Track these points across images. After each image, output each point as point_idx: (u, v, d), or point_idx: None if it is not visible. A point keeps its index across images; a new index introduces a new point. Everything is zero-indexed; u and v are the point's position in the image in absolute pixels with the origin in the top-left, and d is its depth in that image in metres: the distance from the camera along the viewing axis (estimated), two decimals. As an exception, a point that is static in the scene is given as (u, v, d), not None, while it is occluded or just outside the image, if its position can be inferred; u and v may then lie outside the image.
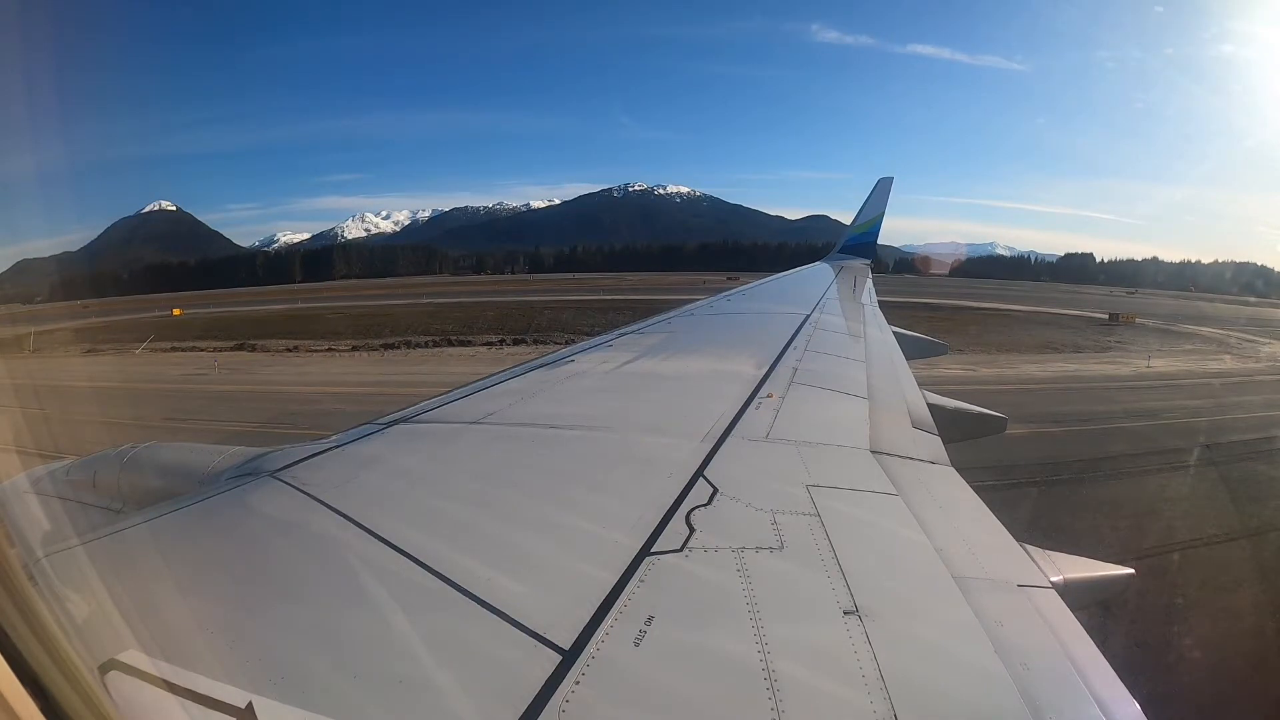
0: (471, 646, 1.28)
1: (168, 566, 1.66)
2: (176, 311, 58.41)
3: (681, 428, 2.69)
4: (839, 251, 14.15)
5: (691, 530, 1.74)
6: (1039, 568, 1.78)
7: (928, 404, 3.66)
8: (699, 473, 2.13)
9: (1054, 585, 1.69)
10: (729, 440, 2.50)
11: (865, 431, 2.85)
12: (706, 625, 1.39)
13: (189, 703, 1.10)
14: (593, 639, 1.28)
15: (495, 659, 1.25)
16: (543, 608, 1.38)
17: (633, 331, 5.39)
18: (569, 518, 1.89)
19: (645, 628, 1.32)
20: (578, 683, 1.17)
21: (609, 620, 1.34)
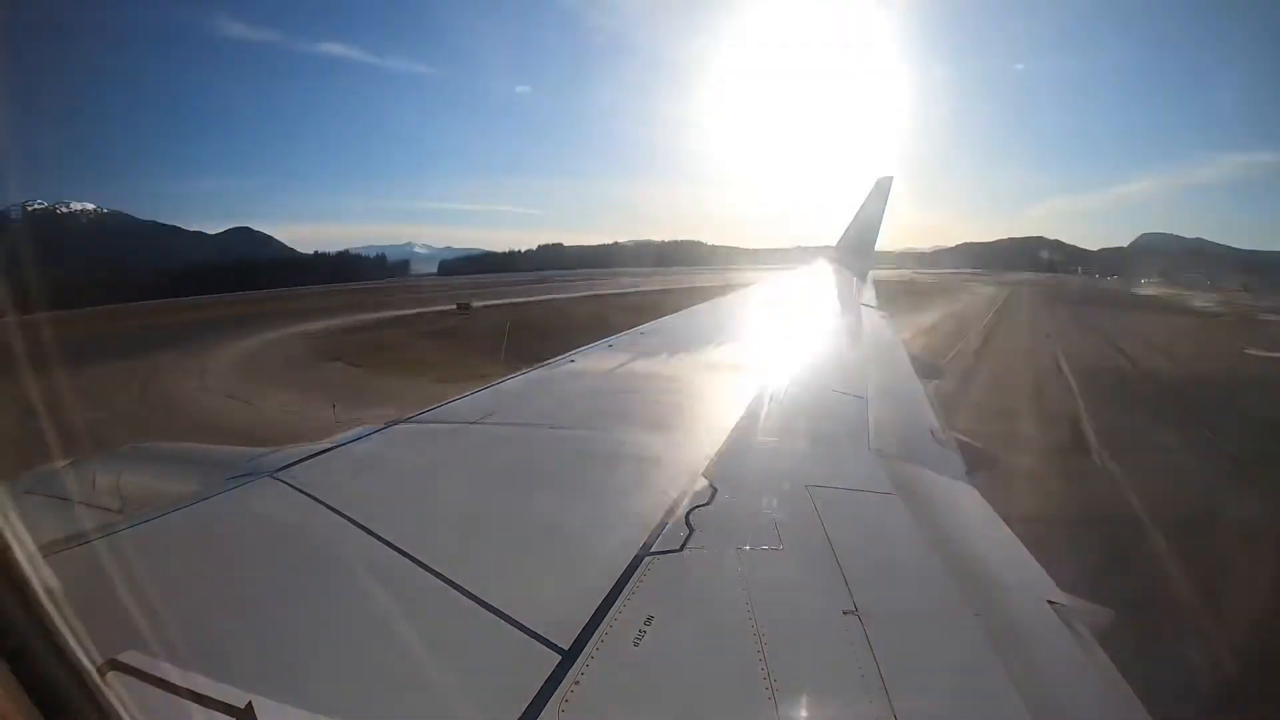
0: (471, 646, 1.29)
1: (168, 566, 1.66)
2: None
3: (681, 428, 2.69)
4: (839, 251, 14.14)
5: (691, 530, 1.74)
6: (1044, 579, 1.77)
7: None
8: (699, 472, 2.13)
9: (1051, 605, 1.68)
10: (729, 440, 2.50)
11: (865, 432, 2.85)
12: (706, 625, 1.39)
13: (189, 703, 1.10)
14: (592, 639, 1.28)
15: (495, 658, 1.25)
16: (543, 607, 1.38)
17: (633, 332, 5.39)
18: (569, 517, 1.89)
19: (645, 627, 1.32)
20: (577, 682, 1.17)
21: (609, 620, 1.34)
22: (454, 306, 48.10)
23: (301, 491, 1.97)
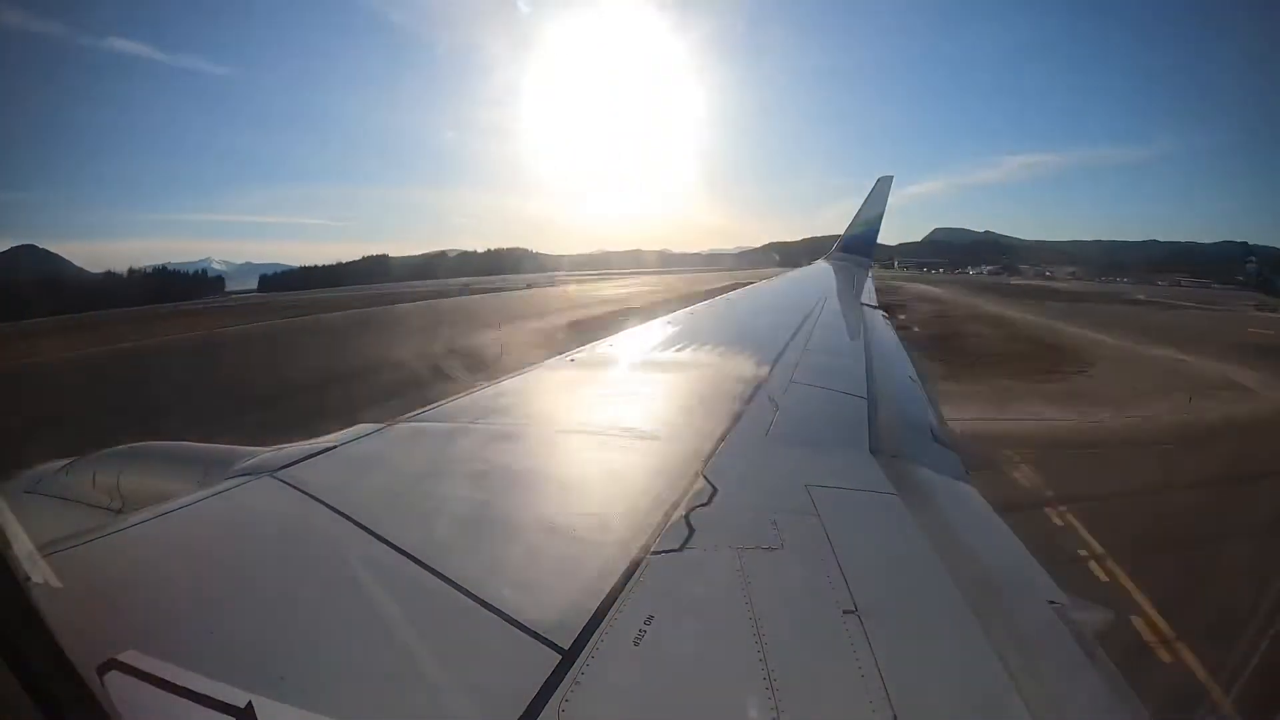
0: (471, 646, 1.28)
1: (167, 566, 1.66)
2: None
3: (681, 427, 2.69)
4: (839, 251, 14.15)
5: (691, 530, 1.73)
6: (1044, 580, 1.77)
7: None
8: (699, 472, 2.13)
9: (1052, 605, 1.68)
10: (729, 439, 2.50)
11: (865, 432, 2.85)
12: (706, 625, 1.39)
13: (189, 703, 1.10)
14: (592, 639, 1.28)
15: (495, 658, 1.25)
16: (543, 607, 1.38)
17: (633, 332, 5.39)
18: (569, 517, 1.89)
19: (645, 627, 1.32)
20: (578, 682, 1.17)
21: (609, 620, 1.34)
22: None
23: (301, 491, 1.97)
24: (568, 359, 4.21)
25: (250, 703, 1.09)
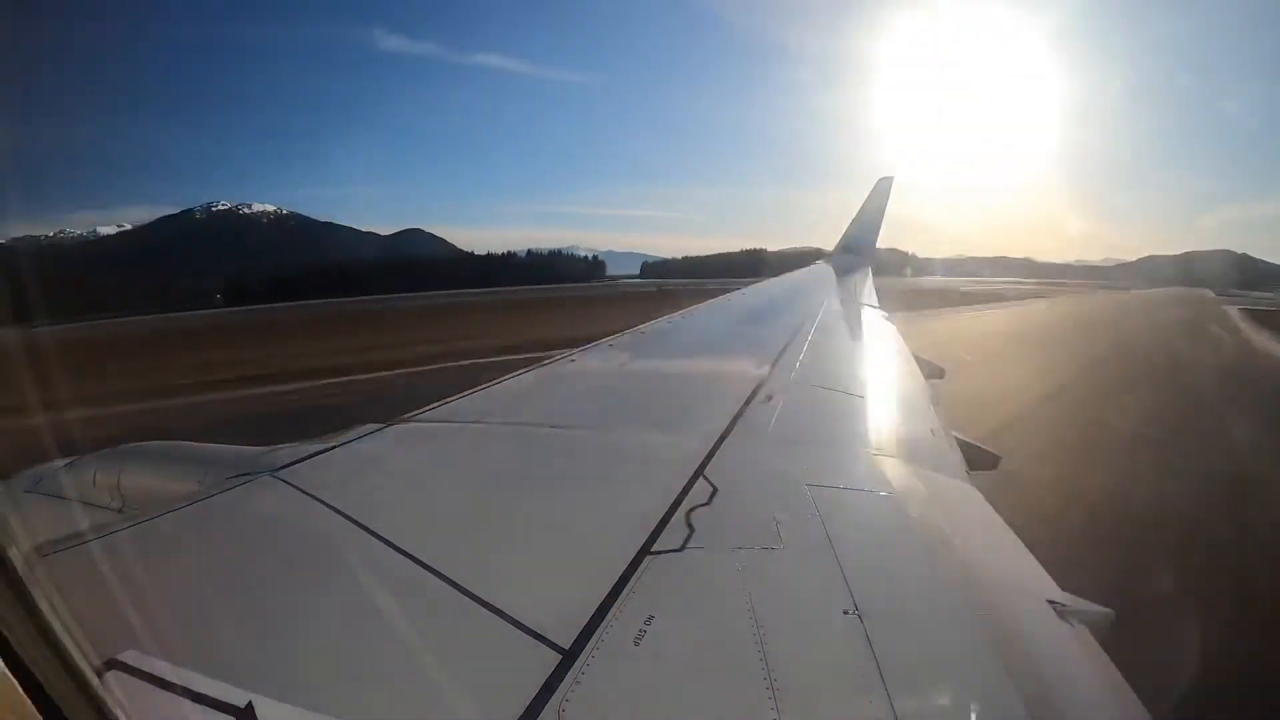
0: (471, 646, 1.29)
1: (168, 566, 1.66)
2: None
3: (681, 427, 2.69)
4: (839, 251, 14.13)
5: (691, 530, 1.73)
6: (1044, 580, 1.77)
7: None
8: (699, 472, 2.13)
9: (1052, 605, 1.68)
10: (729, 440, 2.50)
11: (865, 432, 2.85)
12: (706, 625, 1.39)
13: (189, 703, 1.10)
14: (592, 638, 1.28)
15: (495, 658, 1.25)
16: (542, 607, 1.38)
17: (633, 332, 5.39)
18: (569, 517, 1.89)
19: (645, 627, 1.32)
20: (578, 682, 1.17)
21: (609, 620, 1.34)
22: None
23: (302, 491, 1.97)
24: (568, 358, 4.21)
25: (250, 703, 1.09)
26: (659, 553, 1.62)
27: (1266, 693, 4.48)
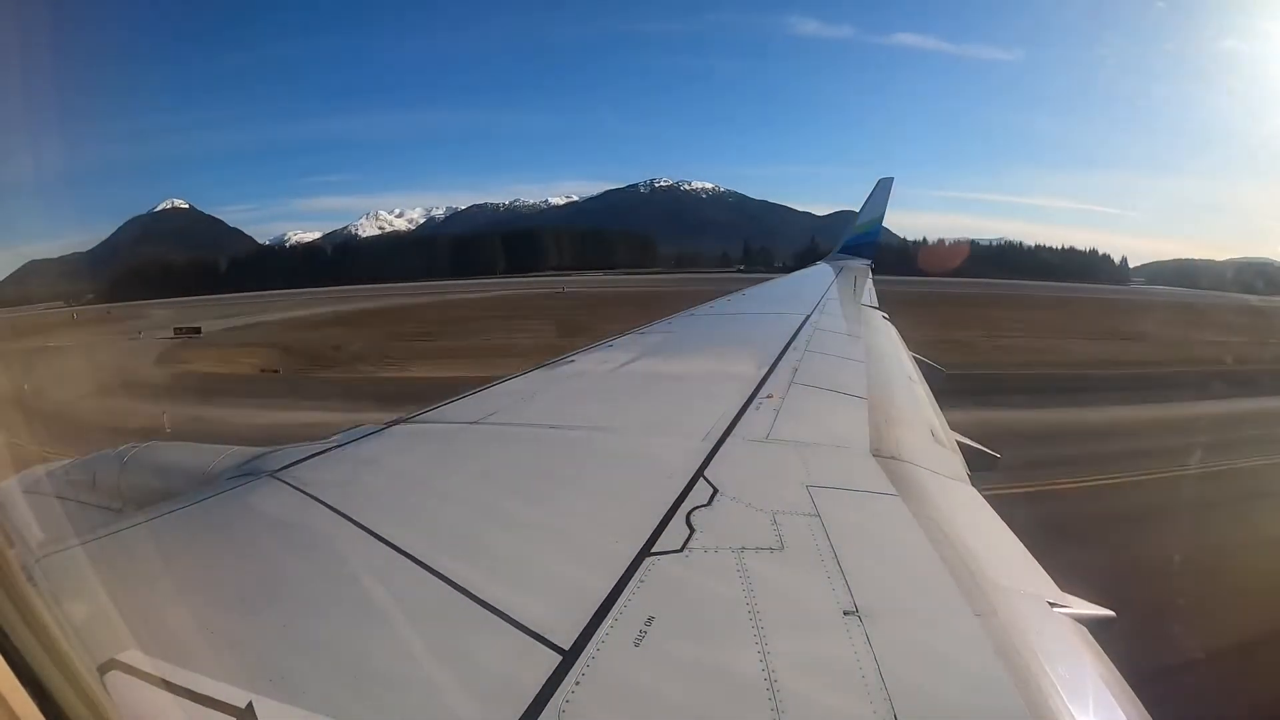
0: (471, 647, 1.28)
1: (168, 566, 1.66)
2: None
3: (681, 428, 2.69)
4: (839, 251, 14.14)
5: (691, 531, 1.73)
6: (1044, 580, 1.77)
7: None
8: (699, 473, 2.13)
9: (1052, 605, 1.68)
10: (729, 440, 2.49)
11: (866, 433, 2.85)
12: (706, 626, 1.39)
13: (189, 703, 1.10)
14: (593, 639, 1.28)
15: (495, 659, 1.25)
16: (543, 608, 1.38)
17: (633, 332, 5.40)
18: (569, 518, 1.89)
19: (645, 628, 1.32)
20: (578, 683, 1.17)
21: (609, 621, 1.34)
22: None
23: (301, 491, 1.97)
24: (568, 359, 4.21)
25: (250, 703, 1.09)
26: (659, 553, 1.61)
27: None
